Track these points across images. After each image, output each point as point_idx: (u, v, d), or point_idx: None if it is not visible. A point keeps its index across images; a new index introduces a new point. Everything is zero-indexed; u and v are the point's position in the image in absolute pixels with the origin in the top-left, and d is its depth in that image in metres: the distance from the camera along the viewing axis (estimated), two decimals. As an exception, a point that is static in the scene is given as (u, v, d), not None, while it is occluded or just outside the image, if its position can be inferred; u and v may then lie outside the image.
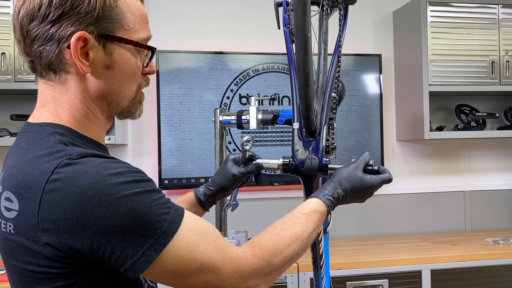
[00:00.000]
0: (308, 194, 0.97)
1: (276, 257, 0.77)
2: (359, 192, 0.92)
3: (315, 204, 0.87)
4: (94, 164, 0.69)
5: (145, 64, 0.82)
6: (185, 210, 0.75)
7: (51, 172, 0.67)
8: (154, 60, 0.84)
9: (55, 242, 0.68)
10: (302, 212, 0.85)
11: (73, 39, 0.71)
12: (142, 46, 0.79)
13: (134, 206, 0.67)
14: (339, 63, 1.03)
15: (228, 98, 2.45)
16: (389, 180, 0.95)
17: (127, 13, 0.77)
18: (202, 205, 1.06)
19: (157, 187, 0.74)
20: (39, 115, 0.77)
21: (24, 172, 0.70)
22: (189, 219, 0.74)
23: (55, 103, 0.77)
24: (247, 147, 1.06)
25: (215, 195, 1.07)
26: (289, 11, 1.00)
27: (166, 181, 2.36)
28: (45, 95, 0.78)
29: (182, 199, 1.07)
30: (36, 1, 0.72)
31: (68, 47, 0.72)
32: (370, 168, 0.95)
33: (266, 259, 0.76)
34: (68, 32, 0.72)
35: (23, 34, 0.74)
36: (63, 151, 0.70)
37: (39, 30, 0.73)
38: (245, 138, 1.06)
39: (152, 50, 0.81)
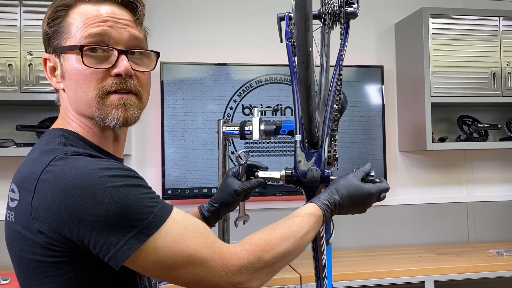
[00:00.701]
0: (310, 205, 0.97)
1: (267, 252, 0.77)
2: (357, 200, 0.92)
3: (310, 208, 0.89)
4: (86, 160, 0.73)
5: (109, 65, 0.80)
6: (175, 207, 0.76)
7: (46, 164, 0.73)
8: (124, 61, 0.80)
9: (46, 229, 0.71)
10: (297, 215, 0.87)
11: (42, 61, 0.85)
12: (71, 48, 0.79)
13: (119, 197, 0.70)
14: (341, 76, 1.04)
15: (231, 108, 2.47)
16: (386, 189, 0.96)
17: (74, 23, 0.81)
18: (207, 221, 1.07)
19: (148, 185, 0.76)
20: (56, 122, 0.87)
21: (27, 166, 0.77)
22: (178, 214, 0.75)
23: (64, 114, 0.86)
24: (242, 161, 1.07)
25: (219, 211, 1.08)
26: (291, 25, 1.02)
27: (169, 191, 2.37)
28: (60, 108, 0.88)
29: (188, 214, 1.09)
30: None
31: None
32: (372, 178, 0.96)
33: (256, 254, 0.76)
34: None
35: None
36: (61, 149, 0.76)
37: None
38: (239, 153, 1.07)
39: (79, 47, 0.78)
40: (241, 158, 1.06)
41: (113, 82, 0.80)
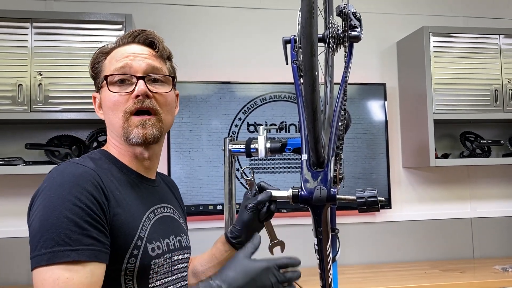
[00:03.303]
0: (317, 223, 0.99)
1: None
2: (245, 277, 0.86)
3: None
4: (64, 168, 0.88)
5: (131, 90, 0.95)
6: (91, 263, 0.77)
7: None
8: (141, 84, 0.93)
9: None
10: None
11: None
12: (101, 81, 0.97)
13: (45, 218, 0.78)
14: (345, 97, 1.07)
15: (236, 126, 2.50)
16: (284, 265, 0.89)
17: (107, 63, 0.98)
18: (232, 244, 1.09)
19: (85, 223, 0.80)
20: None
21: None
22: (70, 272, 0.75)
23: (108, 138, 1.03)
24: (247, 178, 1.10)
25: (241, 233, 1.09)
26: (296, 48, 1.06)
27: (175, 208, 2.39)
28: None
29: (219, 239, 1.12)
30: None
31: None
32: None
33: None
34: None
35: None
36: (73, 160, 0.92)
37: None
38: (243, 169, 1.12)
39: (104, 77, 0.95)
40: (246, 175, 1.09)
41: (133, 102, 0.93)
